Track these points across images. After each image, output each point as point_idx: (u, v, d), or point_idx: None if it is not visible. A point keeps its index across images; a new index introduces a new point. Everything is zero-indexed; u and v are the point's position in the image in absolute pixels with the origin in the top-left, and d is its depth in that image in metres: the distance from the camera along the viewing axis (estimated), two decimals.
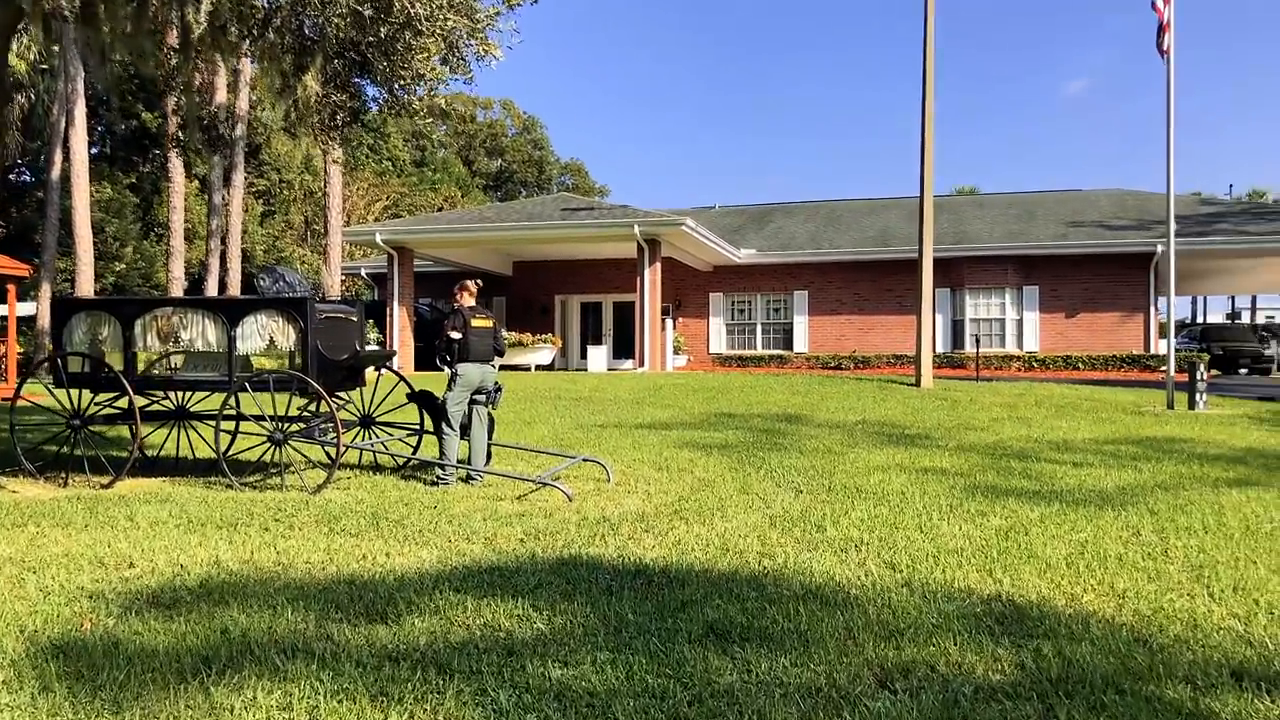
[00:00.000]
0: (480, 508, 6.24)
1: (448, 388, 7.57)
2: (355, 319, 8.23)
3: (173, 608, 3.98)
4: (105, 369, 7.63)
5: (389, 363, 9.36)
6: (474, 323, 7.57)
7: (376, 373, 8.80)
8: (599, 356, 24.11)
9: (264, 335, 7.40)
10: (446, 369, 7.65)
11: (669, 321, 24.54)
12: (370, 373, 10.15)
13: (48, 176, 26.91)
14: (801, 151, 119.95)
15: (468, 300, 7.73)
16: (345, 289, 33.09)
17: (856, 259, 25.23)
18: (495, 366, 7.78)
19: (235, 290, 27.49)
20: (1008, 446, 9.19)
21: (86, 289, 24.65)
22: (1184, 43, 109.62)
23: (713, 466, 7.95)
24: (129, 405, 7.51)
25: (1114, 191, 29.70)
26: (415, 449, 8.33)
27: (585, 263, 27.14)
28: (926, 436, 10.00)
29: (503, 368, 13.49)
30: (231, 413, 7.63)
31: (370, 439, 8.30)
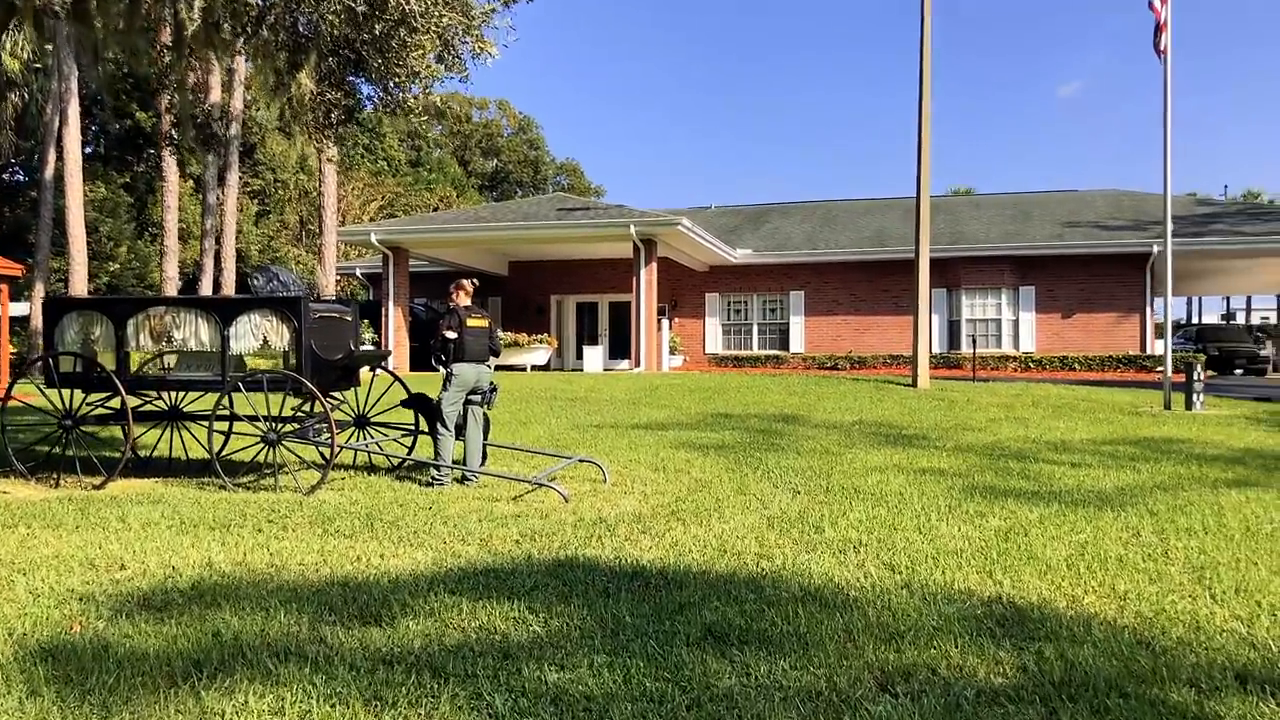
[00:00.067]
0: (476, 509, 6.20)
1: (443, 388, 7.52)
2: (350, 318, 8.19)
3: (164, 610, 3.93)
4: (97, 369, 7.58)
5: (384, 363, 9.32)
6: (469, 322, 7.53)
7: (371, 373, 8.75)
8: (595, 357, 24.08)
9: (258, 335, 7.35)
10: (442, 369, 7.61)
11: (665, 322, 24.51)
12: (365, 373, 10.10)
13: (41, 176, 26.81)
14: (800, 154, 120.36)
15: (463, 300, 7.69)
16: (340, 289, 33.00)
17: (853, 259, 25.20)
18: (491, 367, 7.74)
19: (230, 290, 27.42)
20: (1005, 447, 9.17)
21: (80, 289, 24.55)
22: (1180, 45, 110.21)
23: (709, 467, 7.91)
24: (121, 405, 7.45)
25: (1110, 192, 29.71)
26: (410, 449, 8.28)
27: (581, 263, 27.11)
28: (924, 437, 9.98)
29: (498, 368, 13.45)
30: (225, 413, 7.58)
31: (365, 439, 8.26)
